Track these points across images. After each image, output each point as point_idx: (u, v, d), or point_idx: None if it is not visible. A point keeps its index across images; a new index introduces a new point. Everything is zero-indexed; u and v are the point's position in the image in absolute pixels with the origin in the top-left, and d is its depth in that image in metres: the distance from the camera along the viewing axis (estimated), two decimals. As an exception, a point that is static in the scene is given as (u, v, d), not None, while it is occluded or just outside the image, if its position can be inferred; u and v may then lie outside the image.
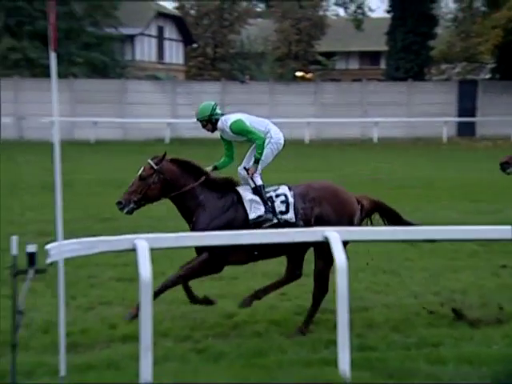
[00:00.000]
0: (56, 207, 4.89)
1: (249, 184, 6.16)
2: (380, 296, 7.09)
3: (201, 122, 6.53)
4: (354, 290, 6.23)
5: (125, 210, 5.92)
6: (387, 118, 29.01)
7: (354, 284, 6.20)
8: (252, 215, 5.92)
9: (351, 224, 5.90)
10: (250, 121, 6.42)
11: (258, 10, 46.15)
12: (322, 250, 5.52)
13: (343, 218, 5.92)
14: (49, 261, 4.86)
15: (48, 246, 4.89)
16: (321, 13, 39.28)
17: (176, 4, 41.84)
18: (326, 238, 5.10)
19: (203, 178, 6.09)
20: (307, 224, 5.85)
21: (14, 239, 4.60)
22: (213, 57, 41.12)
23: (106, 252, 5.42)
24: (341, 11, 42.33)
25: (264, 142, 6.21)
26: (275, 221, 5.91)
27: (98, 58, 31.02)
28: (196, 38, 40.88)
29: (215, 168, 6.39)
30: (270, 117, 35.53)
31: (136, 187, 5.94)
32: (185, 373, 4.85)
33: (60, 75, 5.08)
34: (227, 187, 6.14)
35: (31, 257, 4.65)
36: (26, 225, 10.47)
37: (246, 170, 6.21)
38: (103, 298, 6.93)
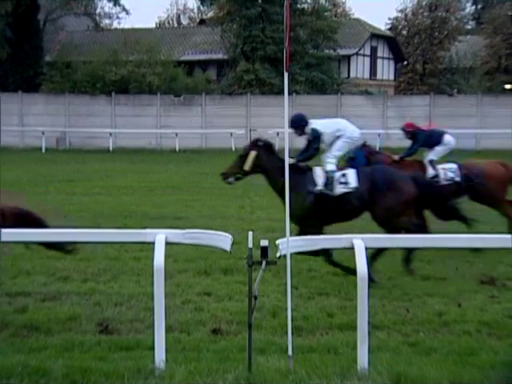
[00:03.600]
0: (285, 207, 5.03)
1: None
2: None
3: None
4: None
5: None
6: None
7: None
8: None
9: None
10: None
11: (468, 27, 43.97)
12: None
13: None
14: (278, 254, 4.99)
15: (278, 242, 5.03)
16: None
17: (389, 25, 41.37)
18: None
19: None
20: None
21: (251, 234, 4.72)
22: (422, 72, 39.97)
23: (326, 249, 5.47)
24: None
25: None
26: None
27: (317, 77, 31.53)
28: (406, 55, 40.03)
29: None
30: (478, 128, 33.67)
31: None
32: (398, 363, 4.74)
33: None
34: None
35: (264, 250, 4.73)
36: (256, 222, 10.93)
37: None
38: (321, 289, 6.98)
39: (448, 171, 9.14)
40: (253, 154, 7.61)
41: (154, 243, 4.95)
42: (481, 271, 7.60)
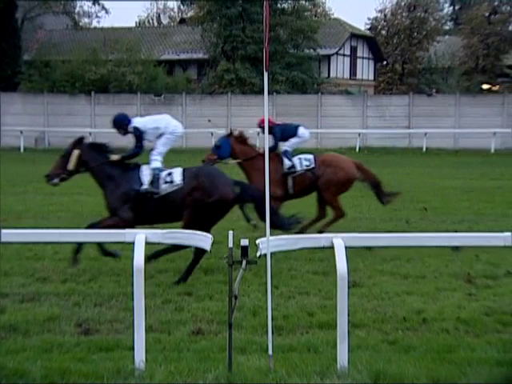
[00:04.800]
0: (265, 206, 5.04)
1: None
2: None
3: None
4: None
5: None
6: None
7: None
8: None
9: None
10: None
11: (446, 27, 44.34)
12: None
13: None
14: (258, 254, 4.99)
15: (258, 241, 5.03)
16: (510, 28, 36.78)
17: (368, 25, 41.59)
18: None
19: None
20: None
21: (231, 234, 4.72)
22: (401, 72, 40.24)
23: (305, 248, 5.47)
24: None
25: None
26: None
27: (297, 76, 31.58)
28: (386, 55, 40.28)
29: None
30: (456, 127, 33.92)
31: None
32: (377, 361, 4.76)
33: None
34: None
35: (245, 249, 4.72)
36: (236, 221, 10.89)
37: None
38: (302, 288, 6.99)
39: (303, 160, 9.36)
40: (76, 153, 7.67)
41: (133, 243, 4.93)
42: (459, 269, 7.68)
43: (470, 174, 18.47)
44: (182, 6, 47.84)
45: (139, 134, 7.82)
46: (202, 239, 5.17)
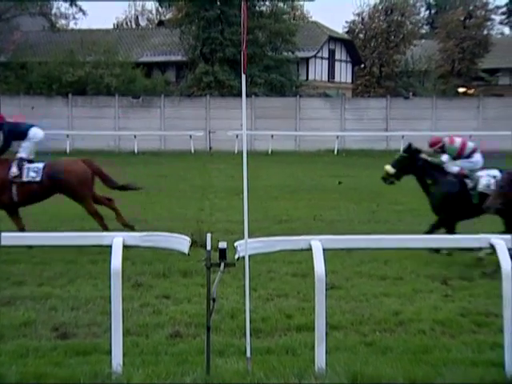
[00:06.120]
0: (243, 209, 5.02)
1: None
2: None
3: None
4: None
5: None
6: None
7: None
8: None
9: None
10: None
11: (423, 31, 44.82)
12: None
13: None
14: (237, 256, 4.99)
15: (236, 243, 5.03)
16: (485, 32, 37.29)
17: (346, 29, 41.87)
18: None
19: None
20: None
21: (209, 236, 4.74)
22: (379, 75, 40.57)
23: (284, 250, 5.48)
24: (506, 30, 40.08)
25: None
26: None
27: (276, 79, 31.68)
28: (364, 58, 40.58)
29: None
30: (433, 130, 34.36)
31: None
32: (355, 363, 4.79)
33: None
34: None
35: (223, 252, 4.73)
36: (215, 224, 10.89)
37: None
38: (280, 290, 6.99)
39: (30, 171, 9.11)
40: None
41: (111, 246, 4.90)
42: (436, 271, 7.75)
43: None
44: (160, 8, 47.66)
45: None
46: (179, 242, 5.15)
